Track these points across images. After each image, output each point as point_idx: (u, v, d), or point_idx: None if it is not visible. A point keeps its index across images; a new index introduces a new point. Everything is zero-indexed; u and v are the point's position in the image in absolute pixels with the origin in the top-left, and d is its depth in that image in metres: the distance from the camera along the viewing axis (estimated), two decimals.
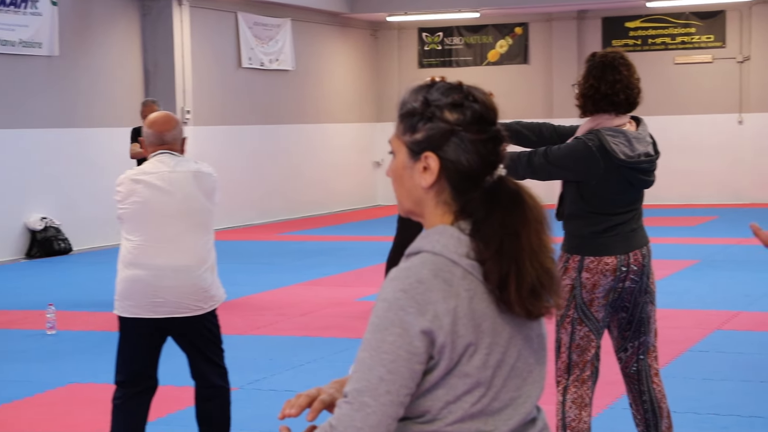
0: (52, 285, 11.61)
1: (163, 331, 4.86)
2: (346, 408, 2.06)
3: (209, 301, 4.83)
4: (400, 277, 2.09)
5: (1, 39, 13.53)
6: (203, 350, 4.92)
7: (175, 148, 4.87)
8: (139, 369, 4.89)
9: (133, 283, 4.78)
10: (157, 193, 4.78)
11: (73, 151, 14.65)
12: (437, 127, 2.12)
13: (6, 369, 7.57)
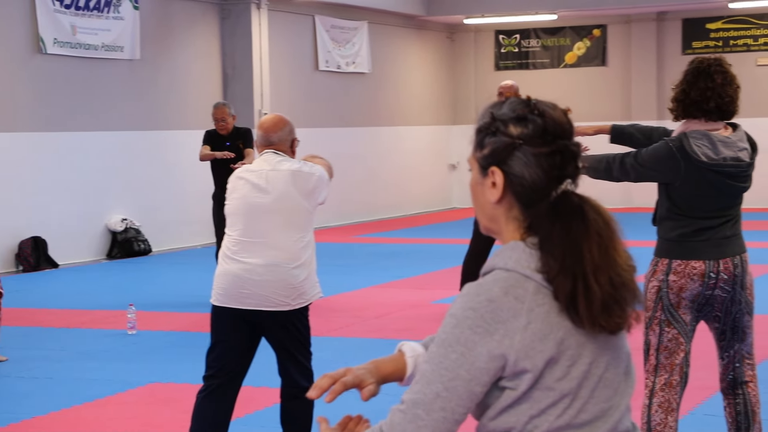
0: (133, 285, 11.78)
1: (252, 327, 4.91)
2: (399, 416, 2.07)
3: (298, 299, 4.88)
4: (471, 294, 2.09)
5: (85, 43, 13.77)
6: (290, 349, 4.96)
7: (281, 148, 5.01)
8: (225, 361, 4.95)
9: (225, 276, 4.92)
10: (254, 190, 4.93)
11: (153, 154, 14.86)
12: (500, 141, 2.12)
13: (88, 368, 7.70)
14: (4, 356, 7.87)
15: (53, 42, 13.38)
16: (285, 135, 5.03)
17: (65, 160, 13.55)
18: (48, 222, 13.26)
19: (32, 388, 7.15)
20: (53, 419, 6.35)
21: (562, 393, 2.06)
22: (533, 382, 2.05)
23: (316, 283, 5.00)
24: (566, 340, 2.06)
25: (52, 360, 7.97)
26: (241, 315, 4.89)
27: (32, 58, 13.26)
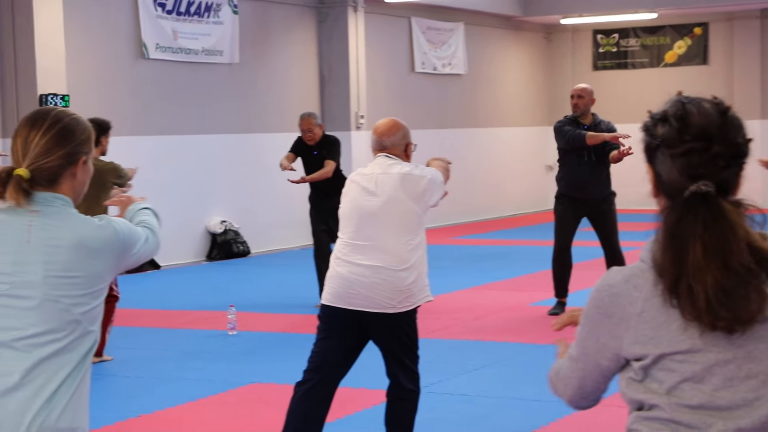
0: (232, 287, 11.92)
1: (360, 328, 4.93)
2: (558, 364, 2.41)
3: (404, 301, 4.89)
4: (603, 277, 2.29)
5: (185, 48, 14.00)
6: (396, 352, 4.97)
7: (394, 152, 5.07)
8: (327, 358, 4.98)
9: (334, 278, 4.98)
10: (363, 193, 5.00)
11: (252, 156, 15.02)
12: (647, 141, 2.29)
13: (190, 368, 7.81)
14: (109, 356, 8.03)
15: (155, 47, 13.62)
16: (398, 139, 5.09)
17: (166, 163, 13.77)
18: None
19: (137, 387, 7.28)
20: (158, 418, 6.45)
21: (684, 376, 2.17)
22: (652, 362, 2.18)
23: (426, 287, 5.00)
24: (686, 329, 2.15)
25: (155, 360, 8.11)
26: (349, 315, 4.92)
27: (135, 63, 13.52)
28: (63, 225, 2.81)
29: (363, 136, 16.47)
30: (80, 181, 2.91)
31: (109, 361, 7.98)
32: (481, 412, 6.46)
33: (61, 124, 2.88)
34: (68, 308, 2.77)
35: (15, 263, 2.79)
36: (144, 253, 3.00)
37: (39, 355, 2.74)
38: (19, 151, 2.85)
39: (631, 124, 22.77)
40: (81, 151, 2.89)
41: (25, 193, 2.81)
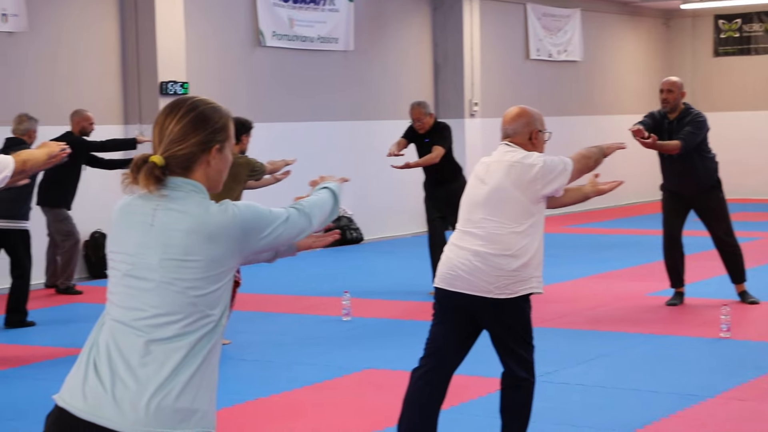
0: (346, 273, 12.00)
1: (467, 314, 4.92)
2: None
3: (506, 288, 4.85)
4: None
5: (301, 35, 14.12)
6: (505, 339, 4.95)
7: (517, 140, 5.03)
8: (439, 344, 4.98)
9: (442, 261, 5.04)
10: (476, 181, 5.04)
11: (365, 143, 15.08)
12: None
13: (306, 353, 7.88)
14: (227, 340, 8.15)
15: (272, 35, 13.78)
16: (520, 127, 5.03)
17: (281, 149, 13.90)
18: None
19: (254, 370, 7.38)
20: (274, 401, 6.53)
21: None
22: None
23: (533, 278, 4.90)
24: None
25: (272, 344, 8.21)
26: (455, 299, 4.91)
27: (252, 50, 13.69)
28: (183, 209, 2.83)
29: (477, 124, 16.41)
30: (215, 169, 2.92)
31: (228, 344, 8.10)
32: (598, 402, 6.38)
33: (196, 111, 2.89)
34: (184, 291, 2.79)
35: (139, 245, 2.84)
36: (283, 234, 2.95)
37: (157, 335, 2.78)
38: (155, 138, 2.90)
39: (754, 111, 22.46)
40: (215, 139, 2.89)
41: (157, 179, 2.83)
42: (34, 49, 11.48)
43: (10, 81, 11.26)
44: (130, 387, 2.74)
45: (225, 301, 2.87)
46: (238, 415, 6.24)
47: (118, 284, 2.87)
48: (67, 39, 11.78)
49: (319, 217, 3.07)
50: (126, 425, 2.72)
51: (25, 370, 7.44)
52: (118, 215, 2.94)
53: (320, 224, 3.08)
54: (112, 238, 2.94)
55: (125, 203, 2.94)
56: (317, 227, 3.08)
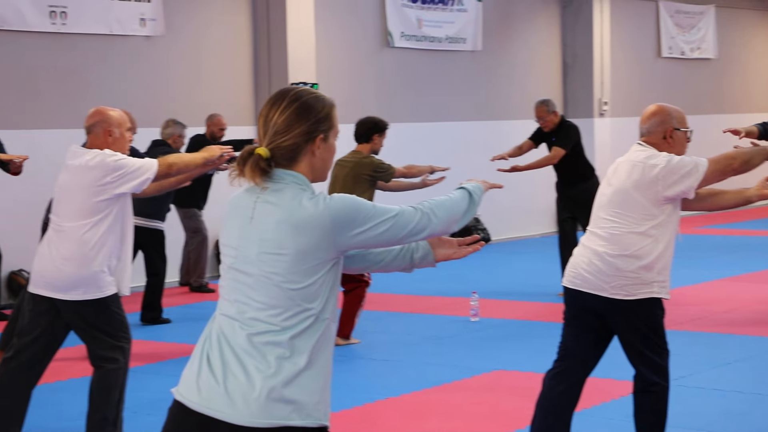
0: (474, 273, 11.95)
1: (594, 316, 4.85)
2: None
3: (622, 289, 4.75)
4: None
5: (429, 36, 14.14)
6: (634, 342, 4.85)
7: (651, 140, 4.90)
8: (569, 345, 4.92)
9: (569, 261, 4.99)
10: (604, 181, 4.98)
11: (493, 143, 14.95)
12: None
13: (435, 353, 7.88)
14: (357, 339, 8.20)
15: (400, 35, 13.83)
16: (654, 126, 4.89)
17: (409, 150, 13.93)
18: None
19: (384, 370, 7.41)
20: (404, 401, 6.54)
21: None
22: None
23: (657, 282, 4.75)
24: None
25: (400, 344, 8.23)
26: (580, 299, 4.84)
27: (380, 51, 13.76)
28: (277, 202, 2.83)
29: (606, 123, 16.19)
30: (320, 158, 2.91)
31: (357, 344, 8.15)
32: (737, 408, 6.22)
33: (300, 102, 2.88)
34: (280, 285, 2.80)
35: (240, 238, 2.86)
36: (390, 230, 2.86)
37: (259, 329, 2.79)
38: (260, 130, 2.90)
39: None
40: (319, 128, 2.89)
41: (263, 171, 2.84)
42: (170, 52, 11.74)
43: (147, 84, 11.54)
44: (241, 380, 2.76)
45: (324, 296, 2.84)
46: (368, 414, 6.27)
47: (225, 277, 2.91)
48: (201, 42, 12.03)
49: (445, 218, 2.96)
50: (238, 417, 2.75)
51: (160, 367, 7.61)
52: (227, 208, 2.97)
53: (447, 226, 2.96)
54: (222, 231, 2.97)
55: (233, 196, 2.97)
56: (442, 229, 2.95)
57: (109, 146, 5.36)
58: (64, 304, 5.29)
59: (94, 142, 5.40)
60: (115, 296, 5.38)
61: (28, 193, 10.09)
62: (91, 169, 5.26)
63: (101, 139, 5.38)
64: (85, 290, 5.27)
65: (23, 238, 9.72)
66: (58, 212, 5.37)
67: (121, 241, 5.36)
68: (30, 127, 10.57)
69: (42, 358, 5.44)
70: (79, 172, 5.30)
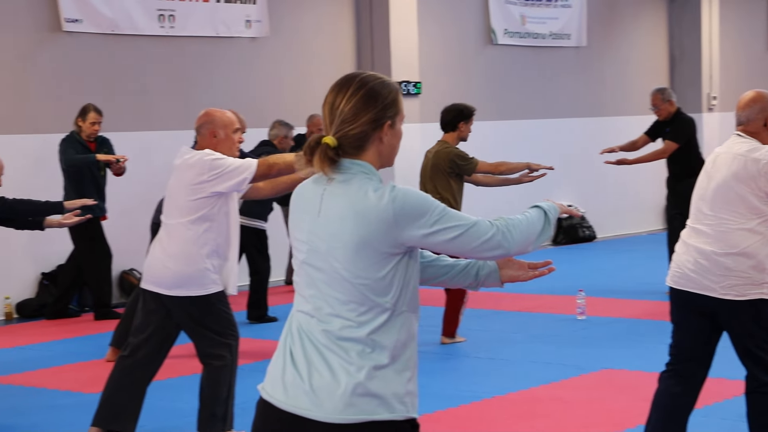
0: (580, 271, 11.84)
1: (702, 315, 4.75)
2: None
3: (731, 289, 4.62)
4: None
5: (533, 32, 14.05)
6: (744, 343, 4.74)
7: (750, 128, 4.71)
8: (680, 346, 4.83)
9: (672, 259, 4.86)
10: (703, 174, 4.80)
11: (599, 140, 14.77)
12: None
13: (541, 351, 7.83)
14: (462, 337, 8.19)
15: (503, 32, 13.77)
16: (754, 113, 4.69)
17: (513, 147, 13.86)
18: (501, 209, 13.62)
19: (490, 368, 7.38)
20: (510, 400, 6.51)
21: None
22: None
23: (765, 284, 4.61)
24: None
25: (506, 342, 8.19)
26: (687, 299, 4.74)
27: (484, 49, 13.72)
28: (343, 193, 2.79)
29: (715, 118, 15.89)
30: (388, 145, 2.86)
31: (463, 342, 8.14)
32: None
33: (366, 88, 2.83)
34: (349, 279, 2.76)
35: (309, 232, 2.83)
36: (460, 239, 2.76)
37: (335, 325, 2.77)
38: (326, 119, 2.85)
39: None
40: (386, 115, 2.84)
41: (331, 161, 2.79)
42: (275, 53, 11.87)
43: (252, 85, 11.69)
44: (326, 377, 2.75)
45: (397, 290, 2.78)
46: (475, 413, 6.26)
47: (299, 273, 2.88)
48: (306, 43, 12.13)
49: (521, 240, 2.83)
50: (325, 414, 2.74)
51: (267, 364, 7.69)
52: (294, 200, 2.94)
53: (522, 248, 2.84)
54: (291, 223, 2.93)
55: (300, 187, 2.93)
56: (517, 251, 2.83)
57: (215, 147, 5.42)
58: (171, 300, 5.39)
59: (201, 142, 5.49)
60: (221, 294, 5.45)
61: (138, 193, 10.31)
62: (190, 167, 5.35)
63: (207, 140, 5.46)
64: (189, 287, 5.35)
65: (134, 238, 9.93)
66: (165, 211, 5.49)
67: (226, 240, 5.42)
68: (141, 129, 10.80)
69: (156, 356, 5.55)
70: (180, 170, 5.40)
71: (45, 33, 10.21)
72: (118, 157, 9.34)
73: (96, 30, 10.45)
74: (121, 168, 9.40)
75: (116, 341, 7.66)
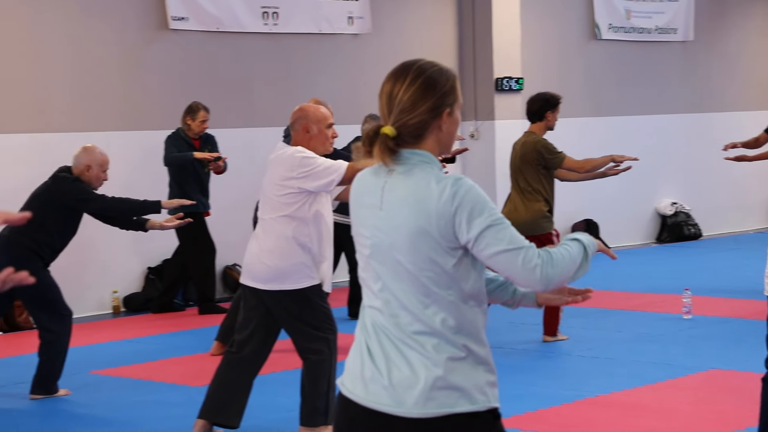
0: (685, 269, 11.65)
1: None
2: None
3: None
4: None
5: (638, 27, 13.84)
6: None
7: None
8: None
9: None
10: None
11: (706, 137, 14.54)
12: None
13: (645, 350, 7.70)
14: (564, 335, 8.09)
15: (608, 27, 13.59)
16: None
17: (617, 143, 13.67)
18: (600, 205, 13.49)
19: (593, 367, 7.29)
20: (615, 399, 6.42)
21: None
22: None
23: None
24: None
25: (610, 341, 8.08)
26: None
27: (587, 44, 13.56)
28: (405, 186, 2.76)
29: None
30: (446, 132, 2.83)
31: (565, 340, 8.06)
32: None
33: (424, 76, 2.80)
34: (414, 273, 2.74)
35: (373, 227, 2.81)
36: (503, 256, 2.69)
37: (409, 319, 2.74)
38: (384, 108, 2.82)
39: None
40: (445, 103, 2.81)
41: (391, 151, 2.77)
42: (376, 49, 11.90)
43: (354, 81, 11.73)
44: (405, 372, 2.73)
45: (462, 283, 2.75)
46: (578, 412, 6.19)
47: (365, 268, 2.86)
48: (407, 38, 12.13)
49: (557, 280, 2.74)
50: (406, 410, 2.73)
51: None
52: (353, 191, 2.91)
53: (556, 286, 2.76)
54: (352, 218, 2.91)
55: (358, 179, 2.91)
56: (550, 288, 2.76)
57: (308, 142, 5.44)
58: (268, 295, 5.44)
59: (295, 138, 5.52)
60: (317, 288, 5.46)
61: (242, 189, 10.43)
62: (281, 163, 5.38)
63: (301, 136, 5.49)
64: (285, 281, 5.39)
65: (237, 234, 10.04)
66: (260, 206, 5.55)
67: (319, 237, 5.42)
68: (244, 125, 10.92)
69: (261, 352, 5.60)
70: (272, 166, 5.46)
71: (152, 31, 10.40)
72: (216, 156, 9.45)
73: (201, 28, 10.60)
74: (220, 166, 9.51)
75: (222, 335, 7.76)
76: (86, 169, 6.74)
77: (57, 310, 6.73)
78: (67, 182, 6.72)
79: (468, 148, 9.01)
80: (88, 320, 9.65)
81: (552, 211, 7.88)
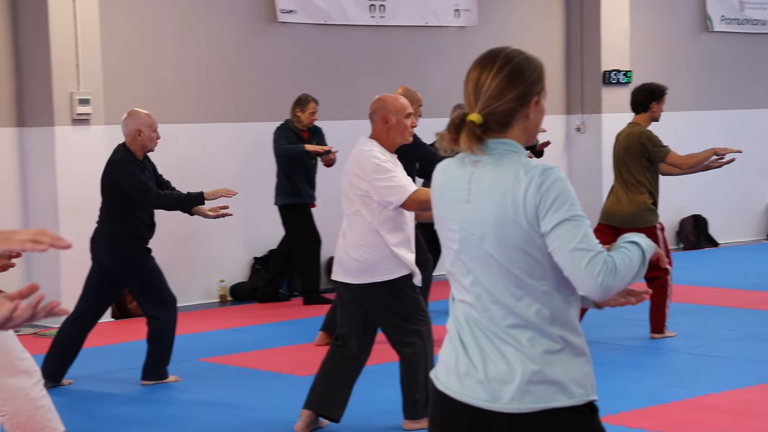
0: None
1: None
2: None
3: None
4: None
5: (752, 18, 13.53)
6: None
7: None
8: None
9: None
10: None
11: None
12: None
13: (758, 349, 7.52)
14: (672, 332, 7.95)
15: (720, 19, 13.32)
16: None
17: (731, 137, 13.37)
18: (709, 201, 13.23)
19: (703, 365, 7.15)
20: (725, 398, 6.29)
21: None
22: None
23: None
24: None
25: (719, 339, 7.92)
26: None
27: (698, 36, 13.30)
28: (492, 175, 2.72)
29: None
30: (533, 121, 2.80)
31: (673, 337, 7.92)
32: None
33: (512, 64, 2.78)
34: (505, 265, 2.70)
35: (461, 221, 2.78)
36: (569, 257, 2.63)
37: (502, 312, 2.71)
38: (470, 96, 2.79)
39: None
40: (532, 91, 2.78)
41: (478, 139, 2.73)
42: (482, 42, 11.83)
43: (459, 74, 11.64)
44: (501, 366, 2.71)
45: (553, 273, 2.70)
46: (686, 409, 6.08)
47: (453, 262, 2.83)
48: (514, 31, 12.05)
49: (618, 286, 2.69)
50: (501, 405, 2.70)
51: None
52: (436, 182, 2.87)
53: (619, 290, 2.71)
54: (436, 212, 2.87)
55: (442, 170, 2.86)
56: (611, 296, 2.71)
57: (386, 133, 5.44)
58: (358, 288, 5.46)
59: (374, 129, 5.52)
60: (407, 278, 5.46)
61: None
62: (356, 161, 5.41)
63: (380, 126, 5.49)
64: (373, 273, 5.41)
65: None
66: (343, 201, 5.57)
67: (402, 228, 5.41)
68: (351, 117, 10.97)
69: (364, 346, 5.64)
70: (350, 160, 5.47)
71: (261, 24, 10.51)
72: (327, 149, 9.51)
73: (309, 20, 10.68)
74: (331, 159, 9.58)
75: (326, 326, 7.82)
76: (138, 134, 6.78)
77: (161, 296, 6.83)
78: (119, 169, 6.68)
79: (550, 141, 9.02)
80: (196, 308, 9.81)
81: (656, 204, 7.74)
